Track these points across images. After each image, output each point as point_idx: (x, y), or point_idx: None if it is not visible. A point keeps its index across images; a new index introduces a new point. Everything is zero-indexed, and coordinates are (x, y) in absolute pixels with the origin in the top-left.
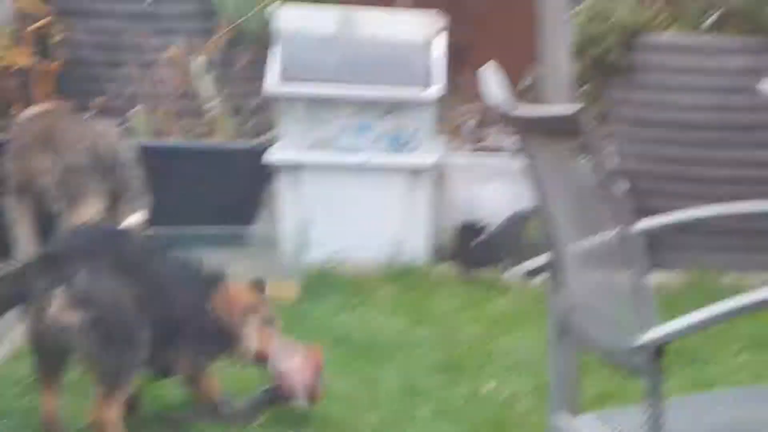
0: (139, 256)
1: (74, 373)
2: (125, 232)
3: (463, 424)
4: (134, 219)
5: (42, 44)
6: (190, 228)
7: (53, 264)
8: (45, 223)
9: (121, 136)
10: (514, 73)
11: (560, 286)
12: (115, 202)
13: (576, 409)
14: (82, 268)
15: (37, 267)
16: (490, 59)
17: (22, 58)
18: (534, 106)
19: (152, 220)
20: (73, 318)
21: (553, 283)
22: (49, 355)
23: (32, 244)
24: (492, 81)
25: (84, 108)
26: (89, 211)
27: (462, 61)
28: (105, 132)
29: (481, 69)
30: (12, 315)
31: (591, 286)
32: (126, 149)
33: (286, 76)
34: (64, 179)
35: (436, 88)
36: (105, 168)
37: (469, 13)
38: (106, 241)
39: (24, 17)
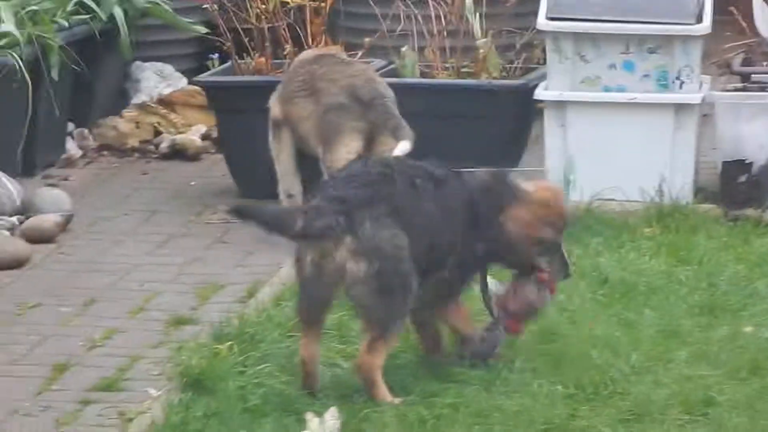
0: (414, 190)
1: (334, 317)
2: (399, 168)
3: (721, 367)
4: (400, 149)
5: None
6: (456, 167)
7: (337, 208)
8: (305, 161)
9: (377, 75)
10: None
11: None
12: (372, 140)
13: None
14: (367, 217)
15: (320, 209)
16: None
17: None
18: None
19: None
20: (358, 268)
21: None
22: (316, 297)
23: (293, 181)
24: (762, 15)
25: (354, 46)
26: (347, 150)
27: None
28: (361, 71)
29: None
30: (273, 261)
31: None
32: (383, 87)
33: (555, 13)
34: (323, 121)
35: (705, 23)
36: (361, 106)
37: None
38: (383, 181)
39: None
